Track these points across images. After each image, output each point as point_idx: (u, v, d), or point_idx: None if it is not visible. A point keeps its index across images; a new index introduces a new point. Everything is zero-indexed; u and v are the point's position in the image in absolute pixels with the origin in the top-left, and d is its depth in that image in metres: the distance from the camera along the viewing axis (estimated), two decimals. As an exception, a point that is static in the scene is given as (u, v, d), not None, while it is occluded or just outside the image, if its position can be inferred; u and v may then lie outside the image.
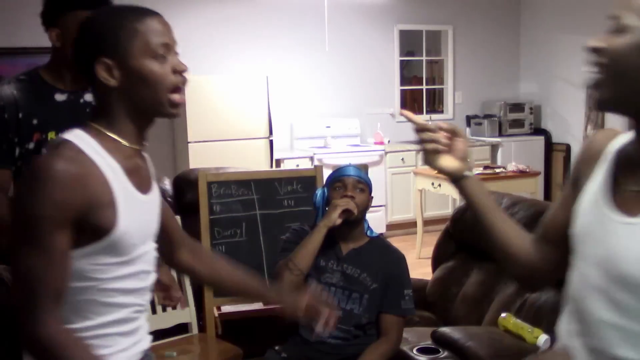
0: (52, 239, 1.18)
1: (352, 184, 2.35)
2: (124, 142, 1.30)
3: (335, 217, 2.29)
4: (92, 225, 1.23)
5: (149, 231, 1.39)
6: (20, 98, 2.02)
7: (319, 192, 2.47)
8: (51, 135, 2.01)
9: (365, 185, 2.37)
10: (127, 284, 1.32)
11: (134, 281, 1.33)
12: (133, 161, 1.33)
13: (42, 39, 2.31)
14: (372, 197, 2.44)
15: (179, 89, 1.32)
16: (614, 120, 5.88)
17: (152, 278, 1.42)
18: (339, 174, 2.39)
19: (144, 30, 1.27)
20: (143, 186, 1.35)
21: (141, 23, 1.28)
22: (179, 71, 1.31)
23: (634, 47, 1.06)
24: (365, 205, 2.38)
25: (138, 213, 1.31)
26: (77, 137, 1.27)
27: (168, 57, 1.30)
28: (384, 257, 2.41)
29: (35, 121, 2.01)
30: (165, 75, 1.28)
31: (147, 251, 1.37)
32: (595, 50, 1.11)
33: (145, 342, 1.43)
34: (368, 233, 2.45)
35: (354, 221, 2.35)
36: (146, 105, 1.30)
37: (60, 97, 2.07)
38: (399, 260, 2.44)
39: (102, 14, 1.33)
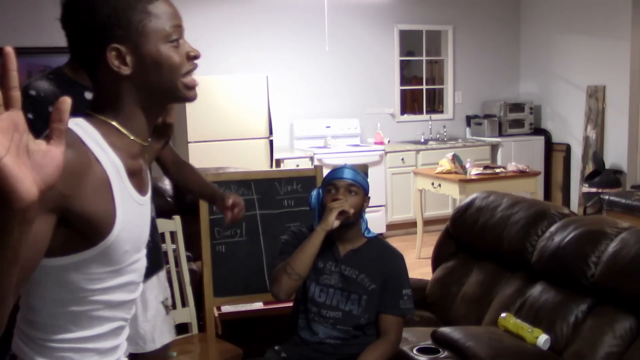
0: None
1: (345, 187, 2.32)
2: (131, 136, 1.18)
3: (332, 220, 2.28)
4: (85, 225, 1.10)
5: (143, 237, 1.28)
6: (58, 94, 2.01)
7: (314, 193, 2.47)
8: None
9: (358, 188, 2.35)
10: (115, 296, 1.21)
11: (122, 293, 1.23)
12: (137, 162, 1.22)
13: (42, 39, 2.33)
14: (369, 198, 2.42)
15: (191, 73, 1.23)
16: (615, 121, 5.95)
17: (139, 290, 1.31)
18: (331, 177, 2.38)
19: (156, 12, 1.16)
20: (142, 187, 1.24)
21: (153, 5, 1.16)
22: (193, 57, 1.21)
23: None
24: (359, 208, 2.36)
25: (135, 216, 1.20)
26: (78, 126, 1.13)
27: (180, 42, 1.19)
28: (382, 257, 2.40)
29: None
30: (181, 61, 1.19)
31: (139, 260, 1.26)
32: None
33: None
34: (365, 234, 2.45)
35: (350, 223, 2.35)
36: (161, 92, 1.19)
37: (89, 95, 2.07)
38: (397, 260, 2.43)
39: None
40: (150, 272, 2.22)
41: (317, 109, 6.83)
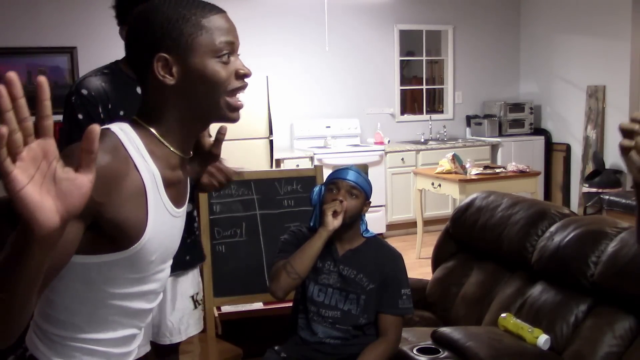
0: None
1: (346, 188, 2.32)
2: (170, 147, 1.18)
3: (330, 221, 2.28)
4: (114, 230, 1.10)
5: (172, 248, 1.27)
6: (108, 90, 2.08)
7: (316, 189, 2.46)
8: None
9: (360, 192, 2.34)
10: (134, 303, 1.21)
11: (141, 302, 1.23)
12: (175, 173, 1.21)
13: (42, 39, 2.34)
14: (370, 203, 2.42)
15: (237, 91, 1.21)
16: (615, 121, 5.95)
17: (159, 299, 1.31)
18: (334, 177, 2.37)
19: (210, 26, 1.15)
20: (178, 199, 1.24)
21: (207, 19, 1.16)
22: (242, 75, 1.19)
23: None
24: (357, 211, 2.35)
25: (167, 228, 1.20)
26: (122, 130, 1.14)
27: (231, 58, 1.18)
28: (380, 257, 2.40)
29: (121, 112, 2.06)
30: (227, 78, 1.17)
31: (163, 270, 1.26)
32: None
33: None
34: (364, 234, 2.45)
35: (348, 223, 2.34)
36: (203, 107, 1.18)
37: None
38: (396, 259, 2.42)
39: (163, 4, 1.17)
40: (191, 265, 2.27)
41: (317, 109, 6.83)
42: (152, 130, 1.17)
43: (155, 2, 1.18)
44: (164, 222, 1.18)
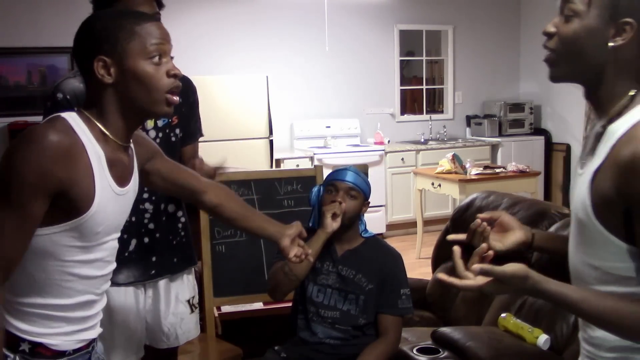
0: (30, 205, 1.24)
1: (345, 190, 2.31)
2: (110, 136, 1.37)
3: (330, 223, 2.28)
4: (67, 203, 1.28)
5: (117, 223, 1.46)
6: (85, 90, 2.08)
7: (314, 189, 2.46)
8: None
9: (358, 192, 2.33)
10: (84, 270, 1.38)
11: (91, 269, 1.40)
12: (116, 154, 1.40)
13: (42, 39, 2.34)
14: (369, 203, 2.42)
15: (173, 89, 1.40)
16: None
17: (110, 268, 1.48)
18: (333, 178, 2.37)
19: (142, 33, 1.36)
20: (121, 180, 1.42)
21: (140, 26, 1.36)
22: (172, 75, 1.39)
23: (580, 32, 1.22)
24: (356, 212, 2.35)
25: (111, 204, 1.38)
26: (71, 117, 1.34)
27: (163, 60, 1.38)
28: (379, 257, 2.40)
29: None
30: (159, 77, 1.37)
31: (108, 241, 1.43)
32: (548, 35, 1.26)
33: (93, 332, 1.47)
34: (363, 234, 2.44)
35: (347, 224, 2.34)
36: (139, 103, 1.38)
37: None
38: (395, 259, 2.42)
39: (104, 14, 1.42)
40: (181, 268, 2.25)
41: (317, 109, 6.83)
42: (95, 121, 1.36)
43: (98, 12, 1.43)
44: (109, 199, 1.37)
